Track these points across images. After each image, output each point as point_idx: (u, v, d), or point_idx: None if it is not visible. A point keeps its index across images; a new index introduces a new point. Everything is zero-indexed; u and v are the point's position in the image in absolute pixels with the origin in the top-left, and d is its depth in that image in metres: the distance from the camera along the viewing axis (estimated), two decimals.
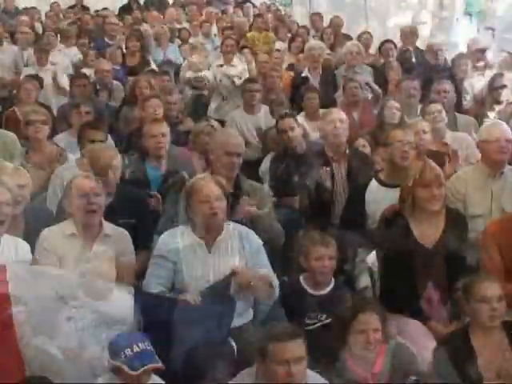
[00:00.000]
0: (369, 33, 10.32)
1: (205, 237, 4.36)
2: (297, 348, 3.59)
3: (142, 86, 7.81)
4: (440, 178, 4.53)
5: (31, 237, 4.54)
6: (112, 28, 11.28)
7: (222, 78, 9.23)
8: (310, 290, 4.55)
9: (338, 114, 6.07)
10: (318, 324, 4.36)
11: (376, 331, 3.91)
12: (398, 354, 4.00)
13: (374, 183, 5.27)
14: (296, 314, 4.39)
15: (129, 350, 3.54)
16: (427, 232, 4.52)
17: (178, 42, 11.79)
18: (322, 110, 7.34)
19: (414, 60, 9.35)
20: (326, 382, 3.76)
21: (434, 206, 4.48)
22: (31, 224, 4.75)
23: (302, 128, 6.87)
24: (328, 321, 4.39)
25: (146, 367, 3.52)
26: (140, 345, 3.57)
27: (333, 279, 4.59)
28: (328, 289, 4.55)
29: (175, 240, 4.36)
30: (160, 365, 3.58)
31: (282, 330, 3.66)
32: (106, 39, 11.05)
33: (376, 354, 3.96)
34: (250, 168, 5.73)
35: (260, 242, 4.46)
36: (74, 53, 10.53)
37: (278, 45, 11.20)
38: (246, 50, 10.43)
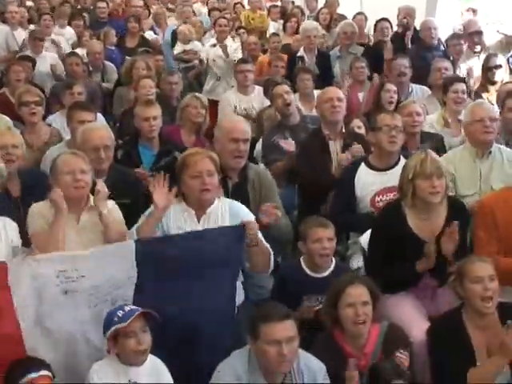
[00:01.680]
0: (362, 13, 10.24)
1: (195, 208, 4.34)
2: (288, 328, 3.59)
3: (140, 66, 7.77)
4: (441, 169, 4.43)
5: (26, 198, 4.62)
6: (101, 11, 11.29)
7: (216, 58, 9.19)
8: (310, 273, 4.53)
9: (335, 93, 6.01)
10: (318, 307, 4.32)
11: (365, 304, 3.89)
12: (390, 335, 3.97)
13: (363, 167, 5.21)
14: (296, 296, 4.36)
15: (120, 311, 3.64)
16: (427, 224, 4.43)
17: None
18: (316, 91, 7.31)
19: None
20: (319, 361, 3.76)
21: (434, 197, 4.38)
22: (27, 184, 4.86)
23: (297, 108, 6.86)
24: None
25: (135, 314, 3.58)
26: (131, 306, 3.69)
27: (333, 261, 4.57)
28: (328, 271, 4.52)
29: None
30: (149, 311, 3.63)
31: (272, 311, 3.65)
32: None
33: (368, 334, 3.94)
34: None
35: (252, 216, 4.39)
36: (70, 35, 10.43)
37: (272, 26, 11.15)
38: (241, 31, 10.37)
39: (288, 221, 5.01)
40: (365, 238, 4.78)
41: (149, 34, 10.29)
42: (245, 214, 4.37)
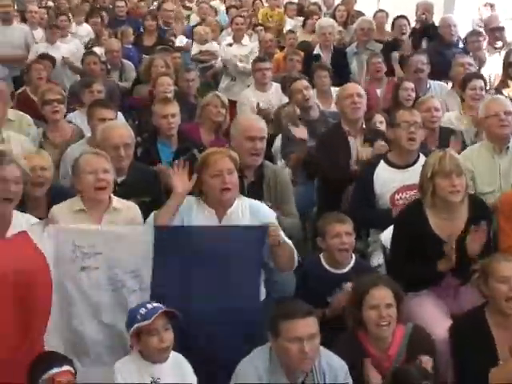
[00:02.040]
0: (383, 11, 10.19)
1: (216, 208, 4.32)
2: (309, 325, 3.57)
3: (158, 64, 7.78)
4: (460, 167, 4.38)
5: None
6: (120, 9, 11.35)
7: (232, 58, 9.18)
8: (330, 269, 4.52)
9: (355, 89, 5.98)
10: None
11: (389, 306, 3.86)
12: (415, 337, 3.94)
13: (382, 164, 5.18)
14: (317, 293, 4.34)
15: (143, 309, 3.66)
16: (448, 224, 4.38)
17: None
18: (333, 88, 7.31)
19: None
20: (341, 360, 3.74)
21: (454, 196, 4.33)
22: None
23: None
24: None
25: (158, 313, 3.60)
26: (154, 304, 3.69)
27: (353, 257, 4.55)
28: (348, 267, 4.50)
29: (190, 203, 4.33)
30: (172, 309, 3.66)
31: (293, 308, 3.64)
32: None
33: (392, 336, 3.91)
34: None
35: (273, 214, 4.39)
36: (87, 32, 10.48)
37: (289, 23, 11.14)
38: (259, 28, 10.34)
39: (296, 221, 4.99)
40: (385, 236, 4.75)
41: (180, 40, 10.17)
42: (265, 214, 4.35)
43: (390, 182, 5.06)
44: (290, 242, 4.31)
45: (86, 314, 4.05)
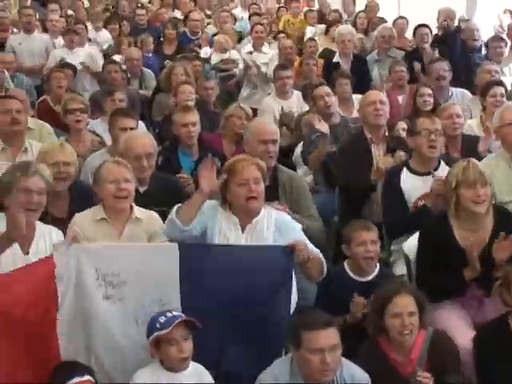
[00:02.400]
0: (404, 18, 10.17)
1: (240, 218, 4.28)
2: (331, 336, 3.57)
3: (178, 72, 7.81)
4: (484, 176, 4.35)
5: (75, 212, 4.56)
6: (140, 18, 11.44)
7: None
8: (354, 277, 4.51)
9: (378, 96, 5.99)
10: (363, 311, 4.29)
11: (412, 315, 3.84)
12: (436, 341, 3.93)
13: (405, 171, 5.14)
14: (340, 301, 4.33)
15: (163, 317, 3.66)
16: (473, 235, 4.33)
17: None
18: (354, 96, 7.30)
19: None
20: (363, 371, 3.72)
21: (479, 207, 4.29)
22: (78, 201, 4.76)
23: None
24: None
25: (176, 321, 3.59)
26: (174, 312, 3.69)
27: (378, 266, 4.55)
28: (373, 275, 4.50)
29: (215, 210, 4.30)
30: (190, 318, 3.64)
31: (315, 318, 3.64)
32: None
33: (413, 341, 3.89)
34: (282, 155, 5.68)
35: (299, 225, 4.35)
36: (106, 39, 10.54)
37: (309, 31, 11.14)
38: (281, 35, 10.32)
39: (318, 223, 4.97)
40: (408, 245, 4.73)
41: (204, 52, 10.13)
42: (291, 227, 4.31)
43: (413, 189, 5.04)
44: (317, 251, 4.27)
45: (105, 348, 3.89)
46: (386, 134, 5.88)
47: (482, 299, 4.43)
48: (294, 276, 4.12)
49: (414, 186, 5.04)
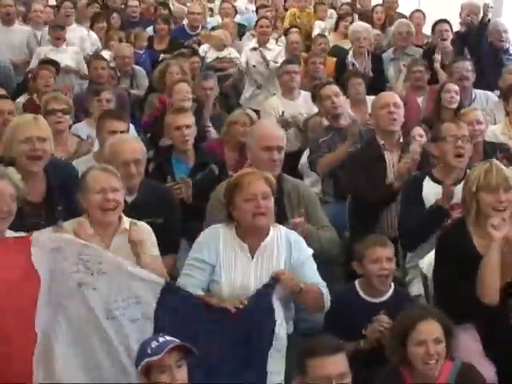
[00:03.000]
0: (420, 11, 10.19)
1: (248, 240, 4.26)
2: (339, 362, 3.56)
3: (173, 71, 7.79)
4: (508, 181, 4.32)
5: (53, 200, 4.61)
6: (132, 10, 11.45)
7: (256, 64, 9.18)
8: (366, 297, 4.50)
9: (392, 98, 5.94)
10: (381, 334, 4.27)
11: (438, 342, 3.80)
12: (464, 374, 3.88)
13: (427, 181, 5.14)
14: (351, 324, 4.31)
15: (154, 342, 3.63)
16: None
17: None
18: (368, 97, 7.31)
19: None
20: None
21: (500, 215, 4.26)
22: (53, 182, 4.74)
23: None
24: None
25: (168, 347, 3.56)
26: (167, 337, 3.66)
27: (392, 286, 4.53)
28: (387, 296, 4.48)
29: (216, 239, 4.27)
30: (185, 344, 3.61)
31: (321, 344, 3.63)
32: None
33: (439, 372, 3.85)
34: (288, 161, 5.68)
35: (310, 251, 4.34)
36: (93, 40, 10.51)
37: (318, 26, 11.13)
38: (293, 30, 10.22)
39: (334, 234, 4.97)
40: (426, 262, 4.72)
41: (203, 49, 10.01)
42: (298, 248, 4.29)
43: (435, 196, 5.00)
44: (320, 283, 4.27)
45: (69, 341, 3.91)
46: (401, 140, 5.85)
47: None
48: (279, 306, 4.12)
49: (437, 197, 5.00)
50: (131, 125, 6.58)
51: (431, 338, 3.79)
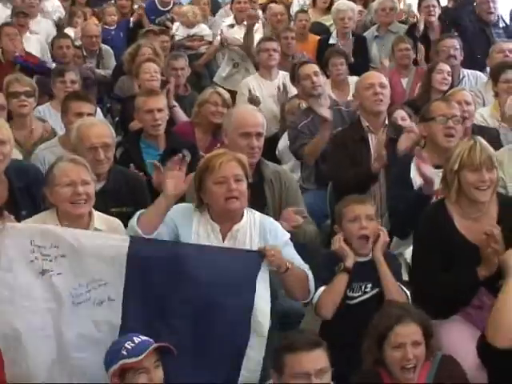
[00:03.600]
0: None
1: (220, 223, 4.28)
2: (318, 358, 3.58)
3: (146, 52, 7.75)
4: (492, 159, 4.37)
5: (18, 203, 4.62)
6: None
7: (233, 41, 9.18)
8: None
9: (378, 78, 5.95)
10: (363, 297, 4.34)
11: (416, 345, 3.81)
12: (444, 368, 3.92)
13: (413, 166, 5.14)
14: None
15: (129, 342, 3.65)
16: (476, 225, 4.37)
17: None
18: (350, 78, 7.34)
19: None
20: None
21: (482, 194, 4.33)
22: (16, 186, 4.75)
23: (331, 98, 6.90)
24: (375, 291, 4.37)
25: (150, 348, 3.59)
26: (142, 337, 3.69)
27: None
28: (369, 256, 4.45)
29: (189, 215, 4.29)
30: (167, 344, 3.65)
31: (300, 339, 3.65)
32: None
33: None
34: (265, 146, 5.71)
35: (287, 234, 4.37)
36: (54, 7, 10.46)
37: (296, 1, 11.08)
38: (272, 5, 10.11)
39: (314, 227, 5.03)
40: (410, 252, 4.75)
41: (177, 27, 9.98)
42: (276, 234, 4.33)
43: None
44: (305, 266, 4.31)
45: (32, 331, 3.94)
46: (386, 121, 5.89)
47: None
48: (267, 285, 4.14)
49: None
50: (98, 108, 6.56)
51: (409, 341, 3.79)
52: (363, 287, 4.36)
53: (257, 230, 4.31)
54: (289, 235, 4.40)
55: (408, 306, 4.16)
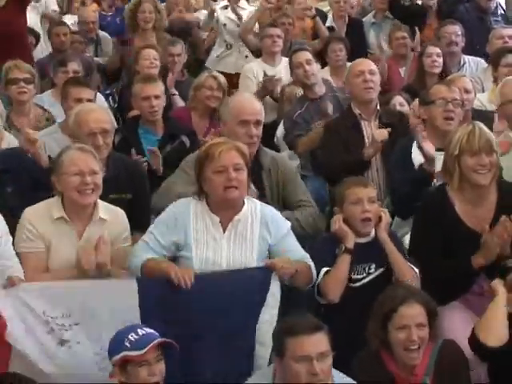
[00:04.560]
0: None
1: (220, 214, 4.27)
2: (319, 342, 3.61)
3: (146, 9, 7.74)
4: (491, 143, 4.40)
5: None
6: None
7: (227, 22, 9.03)
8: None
9: (368, 65, 5.96)
10: (368, 278, 4.39)
11: (421, 327, 3.85)
12: (445, 354, 3.96)
13: (415, 147, 5.21)
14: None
15: (133, 334, 3.66)
16: (477, 212, 4.41)
17: None
18: (349, 65, 7.33)
19: None
20: (355, 382, 3.78)
21: (482, 178, 4.36)
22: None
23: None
24: (379, 272, 4.42)
25: (153, 343, 3.60)
26: (145, 329, 3.71)
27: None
28: (372, 234, 4.50)
29: (186, 214, 4.28)
30: (169, 340, 3.67)
31: (301, 323, 3.67)
32: None
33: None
34: (264, 133, 5.71)
35: (288, 224, 4.39)
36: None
37: None
38: None
39: (312, 210, 5.00)
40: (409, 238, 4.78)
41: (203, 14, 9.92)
42: (278, 224, 4.34)
43: (418, 162, 5.09)
44: (303, 255, 4.33)
45: None
46: (378, 107, 5.87)
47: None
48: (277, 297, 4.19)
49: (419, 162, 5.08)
50: (100, 94, 6.60)
51: (414, 323, 3.84)
52: (367, 268, 4.42)
53: (258, 219, 4.32)
54: (290, 224, 4.41)
55: (413, 287, 4.20)
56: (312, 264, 4.31)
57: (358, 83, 5.80)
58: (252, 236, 4.28)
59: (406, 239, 4.86)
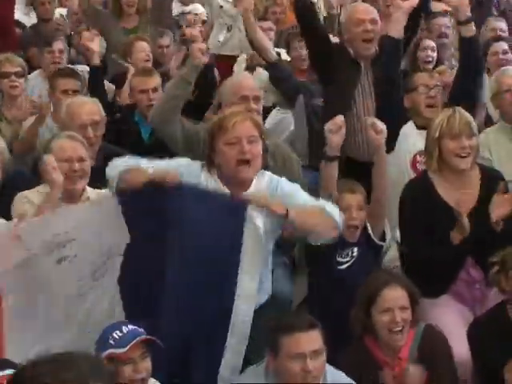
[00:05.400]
0: None
1: (231, 187, 4.05)
2: (313, 340, 3.63)
3: None
4: (471, 126, 4.48)
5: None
6: None
7: (223, 4, 8.90)
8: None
9: (370, 13, 5.42)
10: (352, 260, 4.42)
11: (403, 309, 3.93)
12: (428, 338, 4.04)
13: (409, 124, 5.28)
14: (324, 255, 4.39)
15: (117, 331, 3.65)
16: (459, 196, 4.46)
17: None
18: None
19: None
20: (348, 378, 3.80)
21: (462, 162, 4.43)
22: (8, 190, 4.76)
23: None
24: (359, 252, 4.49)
25: (135, 340, 3.60)
26: (130, 326, 3.69)
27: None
28: (356, 236, 4.55)
29: (197, 173, 4.09)
30: (153, 338, 3.65)
31: (295, 320, 3.72)
32: None
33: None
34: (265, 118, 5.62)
35: (295, 184, 4.16)
36: None
37: None
38: None
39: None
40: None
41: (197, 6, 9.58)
42: (281, 190, 4.09)
43: (413, 143, 5.17)
44: (321, 202, 4.09)
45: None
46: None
47: (486, 293, 4.51)
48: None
49: (415, 139, 5.16)
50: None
51: (397, 305, 3.92)
52: (350, 252, 4.47)
53: (266, 188, 4.11)
54: (297, 184, 4.19)
55: (395, 272, 4.38)
56: (329, 207, 4.02)
57: (358, 33, 5.34)
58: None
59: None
